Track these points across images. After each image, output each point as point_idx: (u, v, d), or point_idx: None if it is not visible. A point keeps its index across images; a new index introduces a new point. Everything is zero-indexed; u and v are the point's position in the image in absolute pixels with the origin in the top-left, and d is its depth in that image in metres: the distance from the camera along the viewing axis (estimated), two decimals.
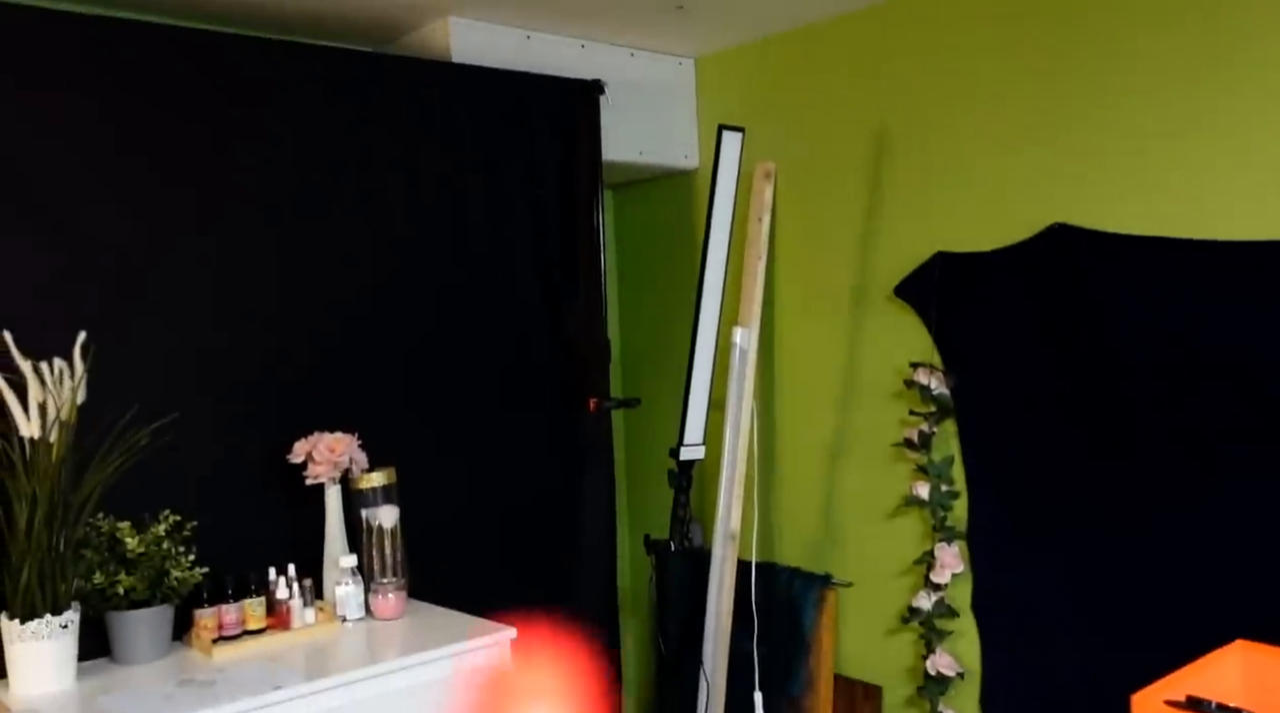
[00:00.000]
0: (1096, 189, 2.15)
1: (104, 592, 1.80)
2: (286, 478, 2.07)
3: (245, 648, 1.90)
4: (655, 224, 3.18)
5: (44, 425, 1.72)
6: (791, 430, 2.80)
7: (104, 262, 1.92)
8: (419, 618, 2.06)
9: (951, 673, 2.43)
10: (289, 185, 2.17)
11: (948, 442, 2.44)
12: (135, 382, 1.91)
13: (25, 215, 1.84)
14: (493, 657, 1.94)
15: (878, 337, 2.57)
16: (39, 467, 1.71)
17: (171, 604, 1.87)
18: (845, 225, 2.63)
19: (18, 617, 1.68)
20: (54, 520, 1.71)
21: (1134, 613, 2.10)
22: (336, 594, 2.05)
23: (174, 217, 2.01)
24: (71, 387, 1.76)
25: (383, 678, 1.80)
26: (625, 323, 3.23)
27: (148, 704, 1.61)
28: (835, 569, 2.69)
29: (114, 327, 1.89)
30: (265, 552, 2.04)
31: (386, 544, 2.10)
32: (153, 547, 1.83)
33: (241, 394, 2.08)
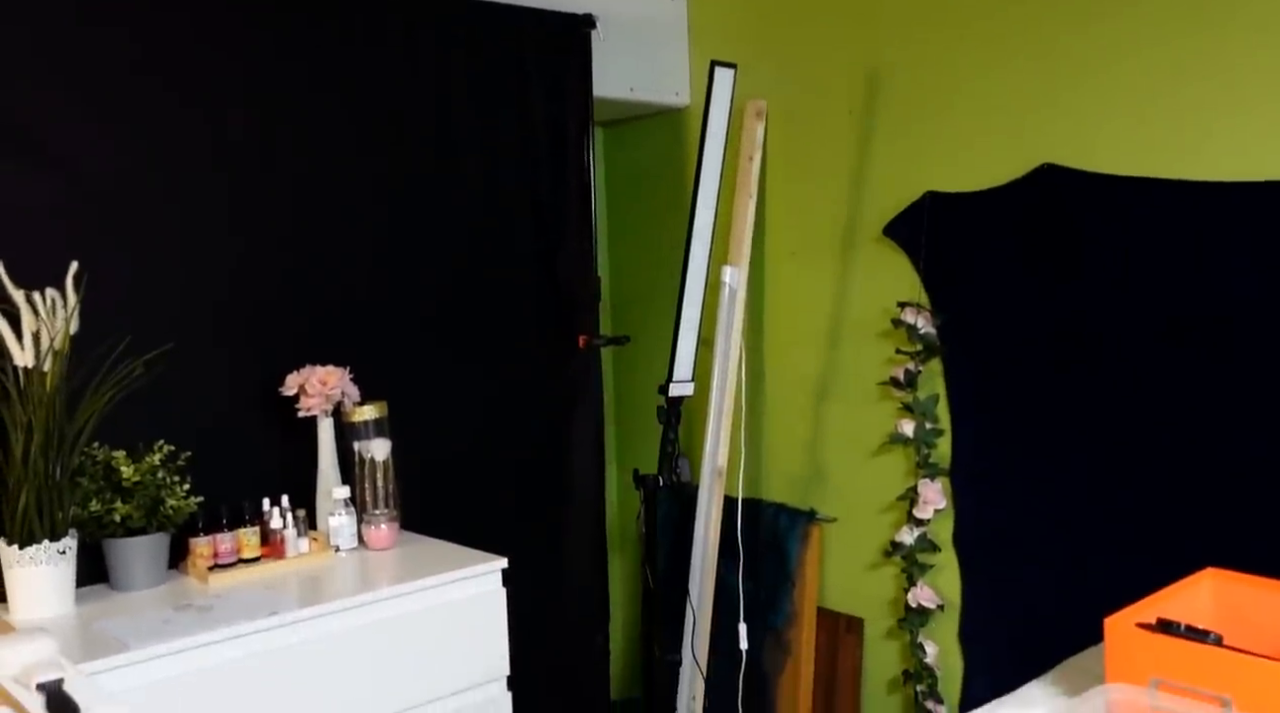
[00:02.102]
0: (1085, 130, 2.16)
1: (101, 519, 1.82)
2: (279, 411, 2.09)
3: (240, 576, 1.93)
4: (645, 162, 3.17)
5: (38, 355, 1.73)
6: (779, 369, 2.83)
7: (98, 190, 1.92)
8: (411, 548, 2.10)
9: (932, 605, 2.49)
10: (286, 122, 2.15)
11: (933, 380, 2.47)
12: (129, 313, 1.92)
13: (11, 143, 1.83)
14: (484, 585, 1.98)
15: (866, 276, 2.59)
16: (34, 396, 1.72)
17: (167, 533, 1.90)
18: (835, 165, 2.63)
19: (16, 542, 1.71)
20: (50, 449, 1.73)
21: (1111, 545, 2.15)
22: (330, 525, 2.08)
23: (168, 148, 2.00)
24: (65, 317, 1.77)
25: (376, 605, 1.83)
26: (615, 261, 3.24)
27: (147, 627, 1.64)
28: (820, 505, 2.74)
29: (108, 258, 1.89)
30: (259, 483, 2.06)
31: (379, 476, 2.13)
32: (148, 476, 1.85)
33: (236, 327, 2.09)
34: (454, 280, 2.44)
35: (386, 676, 1.84)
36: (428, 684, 1.89)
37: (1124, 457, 2.12)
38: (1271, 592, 1.33)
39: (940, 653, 2.50)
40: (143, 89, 1.97)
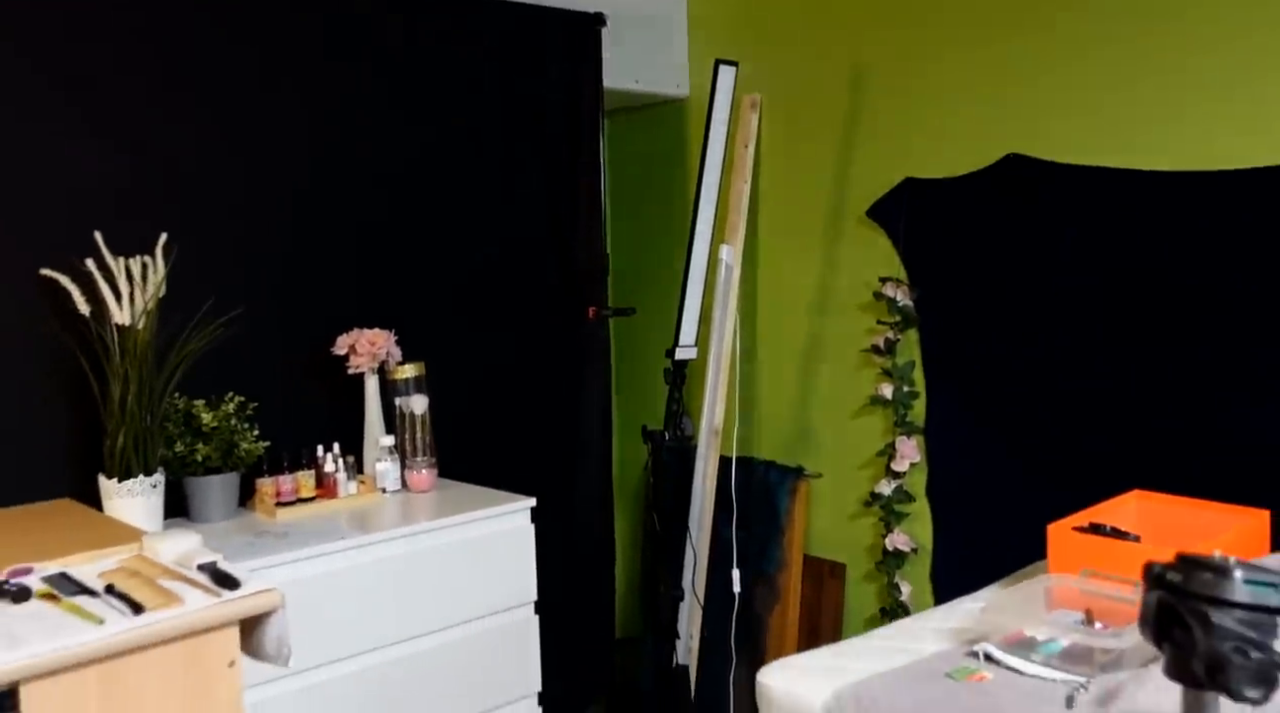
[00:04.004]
0: (1046, 123, 2.44)
1: (184, 459, 2.08)
2: (332, 368, 2.36)
3: (301, 511, 2.19)
4: (648, 148, 3.44)
5: (133, 315, 1.99)
6: (770, 338, 3.11)
7: (180, 172, 2.17)
8: (448, 491, 2.37)
9: (907, 549, 2.78)
10: (339, 114, 2.41)
11: (910, 348, 2.76)
12: (207, 280, 2.18)
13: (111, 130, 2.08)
14: (516, 522, 2.25)
15: (850, 254, 2.88)
16: (129, 351, 1.97)
17: (239, 473, 2.16)
18: (823, 153, 2.91)
19: (116, 476, 1.96)
20: (143, 397, 1.99)
21: (1064, 490, 2.45)
22: (376, 469, 2.35)
23: (239, 133, 2.26)
24: (155, 282, 2.02)
25: (427, 535, 2.10)
26: (619, 240, 3.51)
27: (238, 549, 1.91)
28: (806, 462, 3.02)
29: (190, 230, 2.15)
30: (314, 431, 2.32)
31: (418, 428, 2.40)
32: (223, 422, 2.11)
33: (296, 294, 2.35)
34: (482, 256, 2.70)
35: (434, 596, 2.11)
36: (469, 605, 2.16)
37: (1076, 414, 2.42)
38: (1181, 506, 1.63)
39: (914, 592, 2.79)
40: (214, 79, 2.22)
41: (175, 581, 1.31)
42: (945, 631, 1.47)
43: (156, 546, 1.42)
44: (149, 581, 1.31)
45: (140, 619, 1.20)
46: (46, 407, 2.02)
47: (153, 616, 1.21)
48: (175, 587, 1.29)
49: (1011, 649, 1.36)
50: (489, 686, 2.20)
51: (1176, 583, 0.80)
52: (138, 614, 1.21)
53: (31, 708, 1.14)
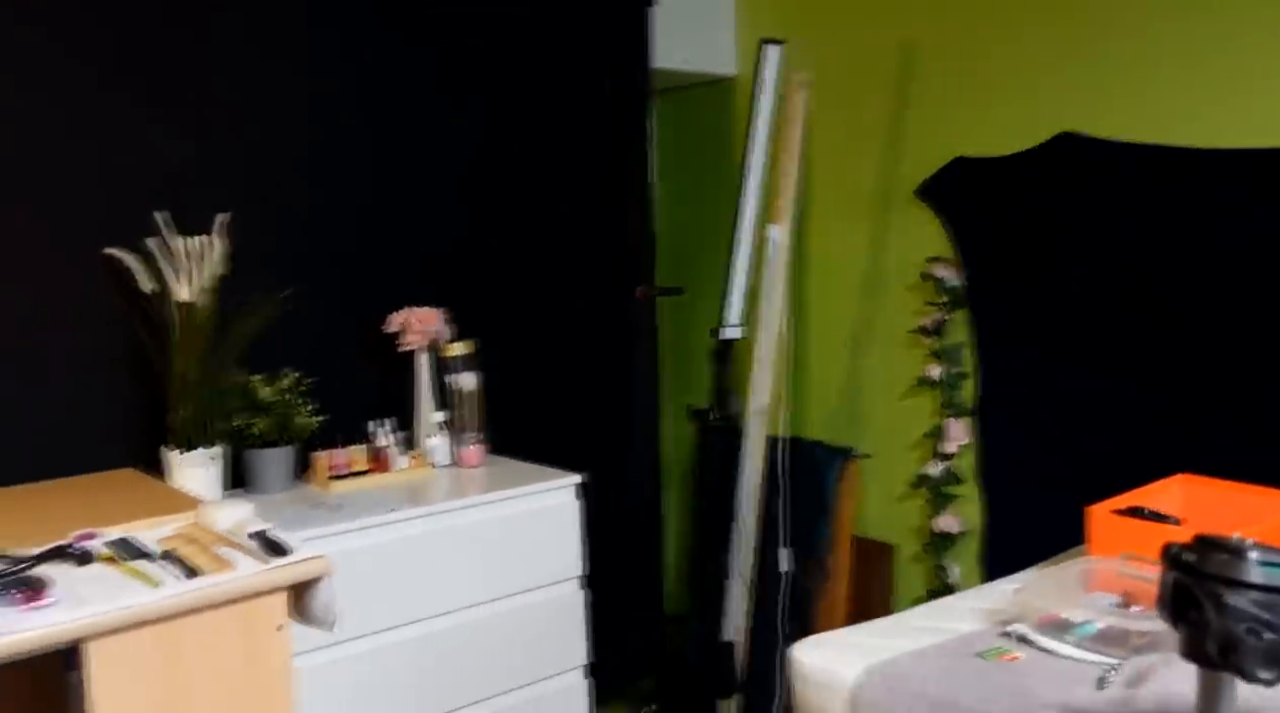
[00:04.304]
0: (1108, 100, 2.40)
1: (242, 432, 2.15)
2: (384, 346, 2.42)
3: (355, 484, 2.26)
4: (695, 129, 3.44)
5: (193, 292, 2.06)
6: (819, 319, 3.11)
7: (240, 153, 2.24)
8: (497, 467, 2.42)
9: (955, 531, 2.77)
10: (383, 92, 2.46)
11: (959, 329, 2.74)
12: (265, 259, 2.24)
13: (174, 113, 2.15)
14: (562, 497, 2.30)
15: (899, 234, 2.86)
16: (191, 327, 2.05)
17: (294, 446, 2.23)
18: (873, 132, 2.89)
19: (179, 448, 2.04)
20: (203, 372, 2.06)
21: (1116, 470, 2.42)
22: (428, 445, 2.40)
23: (295, 117, 2.32)
24: (214, 260, 2.09)
25: (475, 509, 2.15)
26: (668, 221, 3.52)
27: (294, 519, 1.98)
28: (854, 442, 3.02)
29: (250, 210, 2.21)
30: (367, 407, 2.39)
31: (468, 405, 2.45)
32: (280, 397, 2.18)
33: (351, 273, 2.41)
34: (531, 236, 2.74)
35: (482, 569, 2.16)
36: (516, 578, 2.21)
37: (1131, 397, 2.39)
38: (1228, 490, 1.60)
39: (962, 573, 2.79)
40: (272, 63, 2.28)
41: (228, 547, 1.37)
42: (981, 611, 1.47)
43: (212, 514, 1.49)
44: (204, 547, 1.37)
45: (194, 583, 1.26)
46: (114, 381, 2.10)
47: (206, 580, 1.27)
48: (228, 553, 1.35)
49: (1045, 631, 1.36)
50: (537, 658, 2.25)
51: (1192, 563, 0.80)
52: (192, 578, 1.27)
53: (95, 664, 1.20)
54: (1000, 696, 1.22)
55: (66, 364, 2.04)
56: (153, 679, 1.24)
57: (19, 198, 1.98)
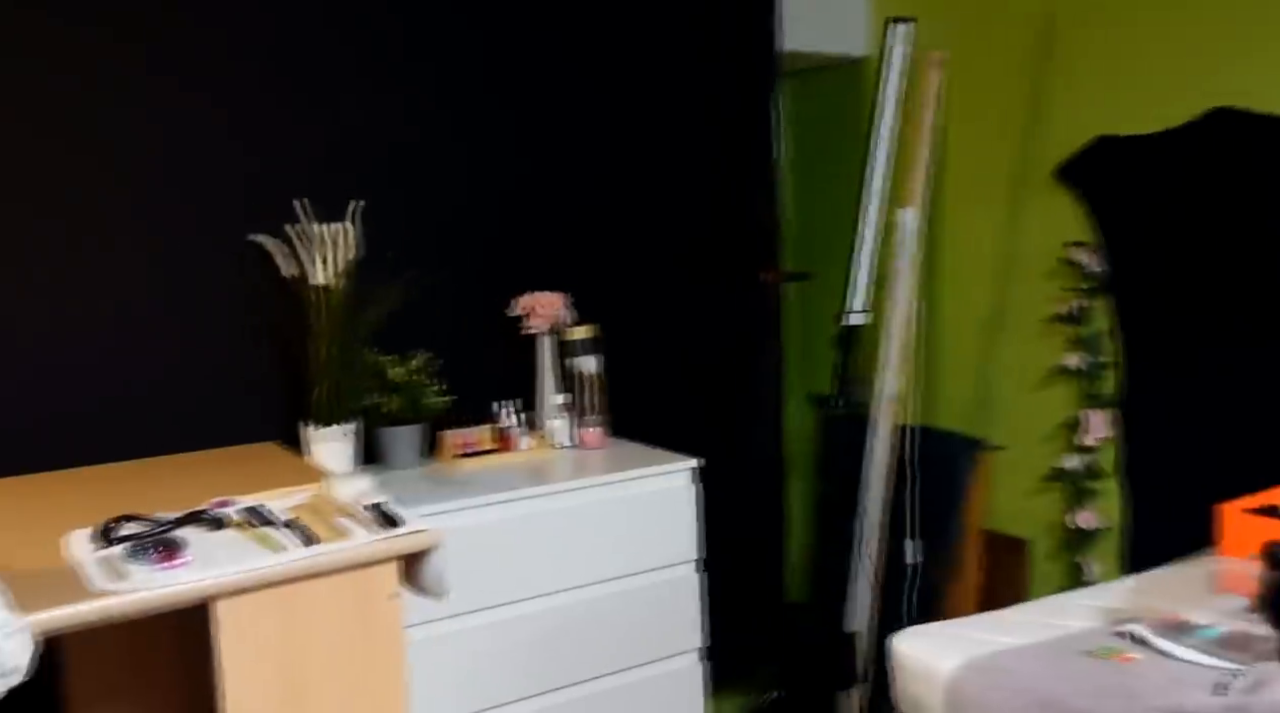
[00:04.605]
0: (1262, 72, 2.24)
1: (375, 410, 2.26)
2: (509, 329, 2.49)
3: (480, 462, 2.34)
4: (826, 111, 3.39)
5: (329, 276, 2.17)
6: (951, 305, 3.02)
7: (374, 142, 2.34)
8: (617, 449, 2.46)
9: (1094, 528, 2.65)
10: (506, 81, 2.52)
11: (1099, 316, 2.61)
12: (397, 243, 2.34)
13: (313, 105, 2.27)
14: (679, 480, 2.32)
15: (1036, 217, 2.74)
16: (327, 309, 2.16)
17: (424, 424, 2.33)
18: (1010, 111, 2.78)
19: (316, 423, 2.16)
20: (340, 352, 2.17)
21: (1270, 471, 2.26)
22: (550, 426, 2.46)
23: (429, 107, 2.41)
24: (349, 246, 2.20)
25: (593, 489, 2.19)
26: (798, 205, 3.48)
27: (421, 494, 2.07)
28: (986, 433, 2.93)
29: (382, 197, 2.32)
30: (492, 388, 2.47)
31: (590, 387, 2.49)
32: (411, 377, 2.28)
33: (477, 257, 2.49)
34: (655, 221, 2.76)
35: (599, 549, 2.20)
36: (632, 559, 2.25)
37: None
38: None
39: (1102, 572, 2.66)
40: (403, 58, 2.37)
41: (346, 518, 1.45)
42: (1097, 609, 1.41)
43: (335, 487, 1.57)
44: (325, 517, 1.45)
45: (311, 550, 1.34)
46: (259, 361, 2.24)
47: (322, 547, 1.35)
48: (345, 524, 1.43)
49: (1163, 632, 1.29)
50: (651, 638, 2.28)
51: None
52: (310, 546, 1.35)
53: (223, 622, 1.29)
54: (1108, 696, 1.17)
55: (217, 345, 2.19)
56: (275, 639, 1.33)
57: (178, 189, 2.13)
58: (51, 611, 1.17)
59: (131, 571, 1.26)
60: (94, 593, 1.21)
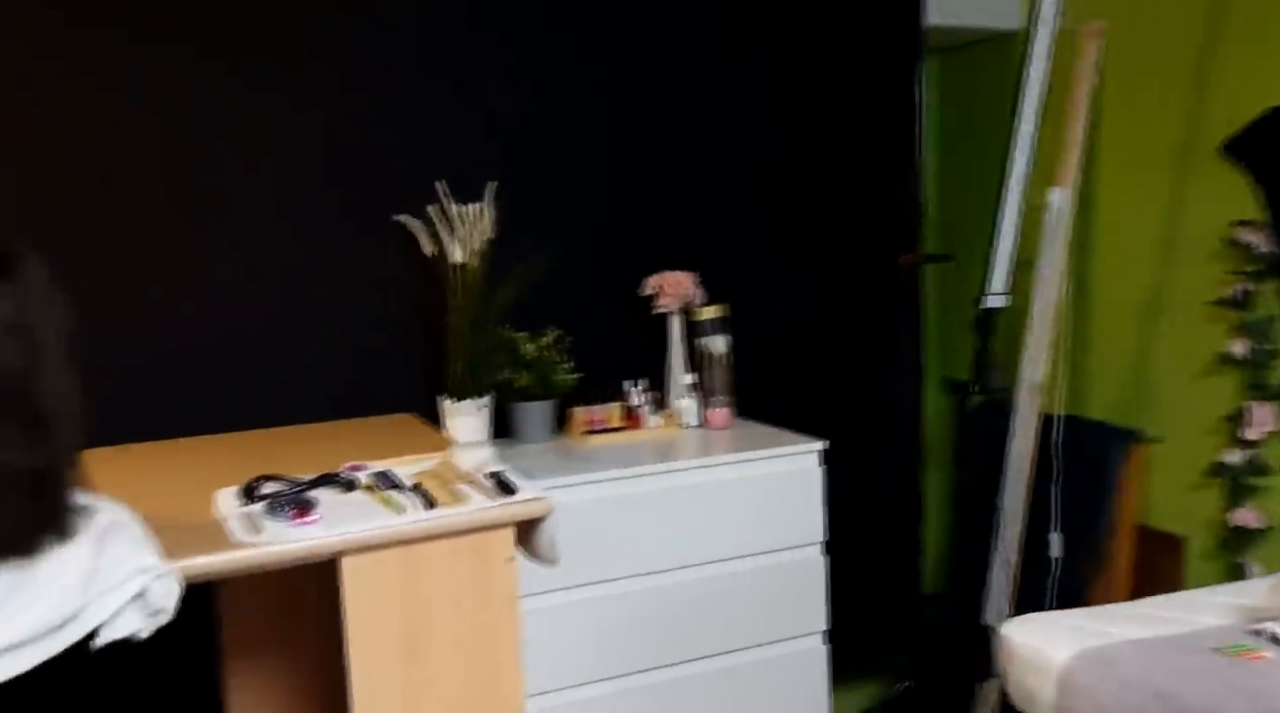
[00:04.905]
0: None
1: (507, 385, 2.34)
2: (639, 308, 2.52)
3: (608, 439, 2.39)
4: (976, 87, 3.27)
5: (467, 255, 2.26)
6: (1103, 288, 2.87)
7: (508, 127, 2.42)
8: (744, 429, 2.46)
9: (1257, 527, 2.48)
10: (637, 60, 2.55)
11: (1269, 301, 2.44)
12: (530, 225, 2.41)
13: (454, 94, 2.36)
14: (805, 462, 2.30)
15: (1198, 196, 2.58)
16: (464, 286, 2.25)
17: (554, 400, 2.39)
18: (1171, 84, 2.62)
19: (452, 396, 2.26)
20: (476, 328, 2.26)
21: None
22: (678, 405, 2.49)
23: (562, 92, 2.47)
24: (485, 225, 2.28)
25: (718, 468, 2.21)
26: (942, 187, 3.38)
27: (550, 467, 2.13)
28: (1140, 423, 2.78)
29: (516, 179, 2.39)
30: (621, 366, 2.51)
31: (718, 368, 2.50)
32: (542, 354, 2.35)
33: (609, 237, 2.54)
34: (788, 201, 2.74)
35: (722, 527, 2.22)
36: (756, 539, 2.25)
37: None
38: None
39: (1264, 574, 2.49)
40: (536, 49, 2.44)
41: (466, 485, 1.51)
42: (1232, 606, 1.33)
43: (459, 455, 1.64)
44: (446, 483, 1.52)
45: (431, 513, 1.41)
46: (400, 335, 2.35)
47: (441, 510, 1.42)
48: (465, 490, 1.49)
49: None
50: (773, 619, 2.29)
51: None
52: (429, 509, 1.42)
53: (349, 575, 1.38)
54: (1233, 695, 1.10)
55: (362, 320, 2.31)
56: (397, 595, 1.40)
57: (331, 173, 2.27)
58: (195, 558, 1.27)
59: (268, 525, 1.36)
60: (233, 544, 1.32)
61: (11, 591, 1.13)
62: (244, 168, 2.18)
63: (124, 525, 1.23)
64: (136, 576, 1.19)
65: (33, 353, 1.14)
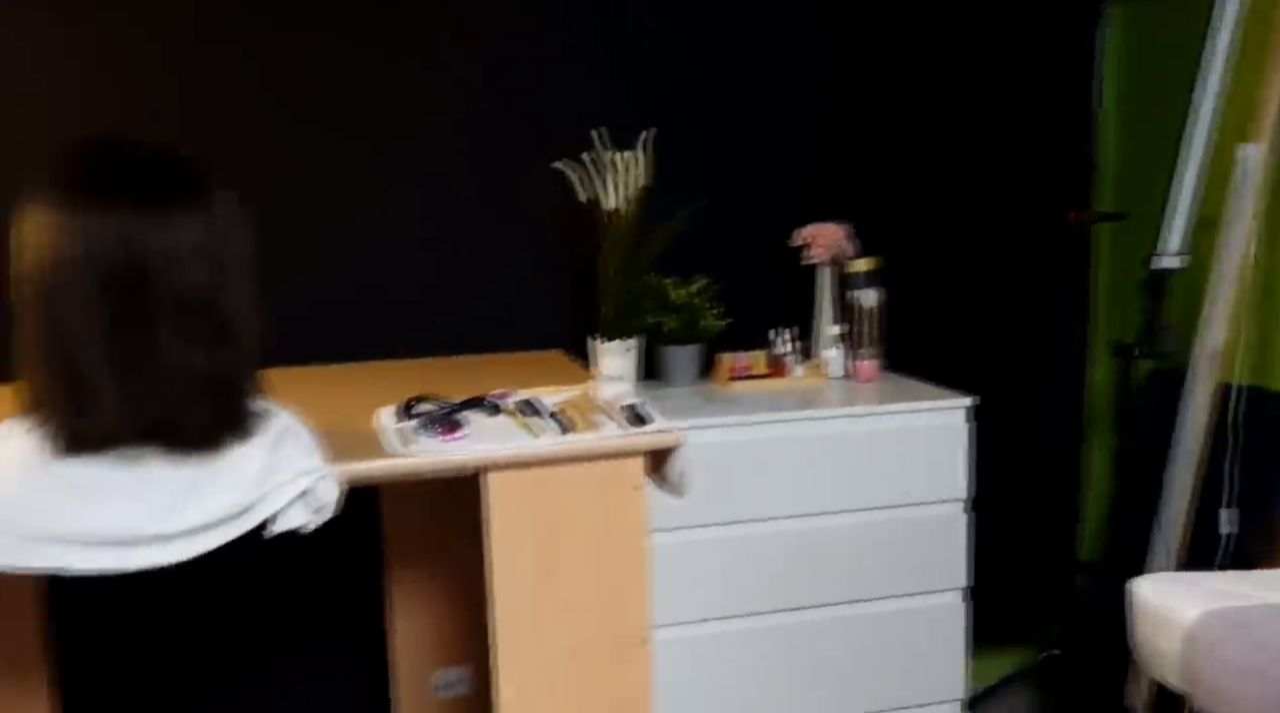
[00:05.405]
0: None
1: (655, 329, 2.41)
2: (789, 258, 2.53)
3: (752, 386, 2.42)
4: (1162, 36, 3.06)
5: (620, 201, 2.32)
6: None
7: (663, 80, 2.47)
8: (890, 383, 2.45)
9: None
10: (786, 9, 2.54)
11: None
12: (682, 172, 2.46)
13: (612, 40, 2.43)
14: (951, 418, 2.27)
15: None
16: (617, 233, 2.32)
17: (700, 345, 2.44)
18: None
19: (602, 337, 2.34)
20: (626, 273, 2.33)
21: None
22: (824, 356, 2.49)
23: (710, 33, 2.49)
24: (639, 173, 2.34)
25: (860, 419, 2.21)
26: (1124, 139, 3.20)
27: (692, 409, 2.20)
28: None
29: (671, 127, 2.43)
30: (768, 315, 2.54)
31: (867, 321, 2.49)
32: (690, 300, 2.40)
33: (760, 187, 2.56)
34: (953, 154, 2.67)
35: (861, 477, 2.22)
36: (896, 490, 2.25)
37: None
38: None
39: None
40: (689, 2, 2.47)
41: (602, 415, 1.59)
42: None
43: (598, 388, 1.72)
44: (584, 412, 1.60)
45: (566, 438, 1.50)
46: (555, 277, 2.46)
47: (575, 437, 1.50)
48: (600, 419, 1.57)
49: None
50: (910, 571, 2.28)
51: None
52: (565, 435, 1.50)
53: (491, 490, 1.48)
54: None
55: (519, 260, 2.43)
56: (533, 513, 1.50)
57: (494, 118, 2.38)
58: (354, 464, 1.40)
59: (420, 440, 1.48)
60: (388, 454, 1.44)
61: (199, 481, 1.28)
62: (421, 110, 2.32)
63: (295, 431, 1.37)
64: (303, 476, 1.32)
65: (221, 272, 1.28)
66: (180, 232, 1.24)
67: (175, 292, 1.24)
